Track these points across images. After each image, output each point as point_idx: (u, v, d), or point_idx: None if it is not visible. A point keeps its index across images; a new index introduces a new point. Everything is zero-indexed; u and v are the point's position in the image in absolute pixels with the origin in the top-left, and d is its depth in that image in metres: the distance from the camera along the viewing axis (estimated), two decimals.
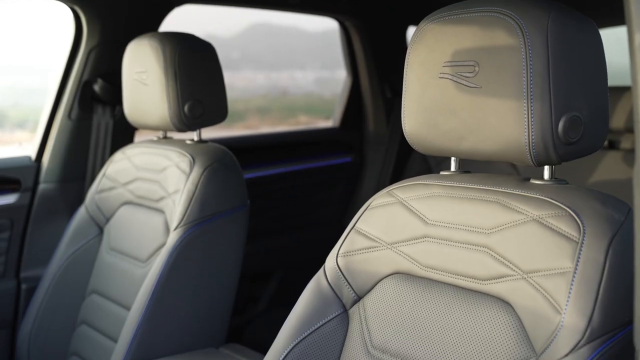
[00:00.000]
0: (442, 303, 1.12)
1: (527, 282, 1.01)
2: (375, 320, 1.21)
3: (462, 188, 1.17)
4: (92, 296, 1.98)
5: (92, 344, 1.91)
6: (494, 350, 1.03)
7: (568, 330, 0.93)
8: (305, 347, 1.24)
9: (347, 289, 1.26)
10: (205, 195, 1.73)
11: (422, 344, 1.12)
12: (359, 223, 1.28)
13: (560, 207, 1.03)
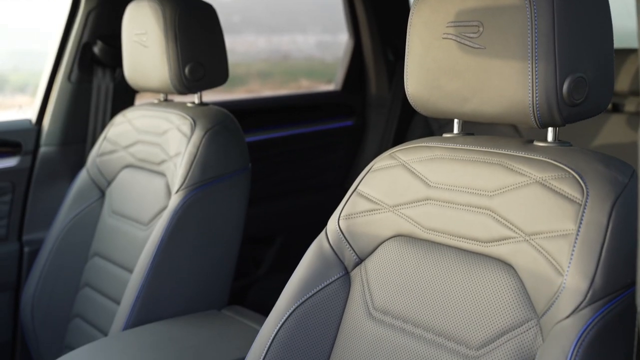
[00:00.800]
0: (444, 265, 1.12)
1: (530, 244, 1.01)
2: (377, 282, 1.21)
3: (465, 150, 1.16)
4: (95, 259, 1.99)
5: (95, 306, 1.92)
6: (495, 312, 1.03)
7: (570, 292, 0.94)
8: (307, 309, 1.25)
9: (348, 252, 1.26)
10: (207, 158, 1.72)
11: (424, 306, 1.13)
12: (360, 186, 1.28)
13: (564, 169, 1.02)
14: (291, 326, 1.25)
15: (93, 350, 1.49)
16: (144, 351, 1.46)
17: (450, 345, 1.07)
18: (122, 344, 1.50)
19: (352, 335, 1.22)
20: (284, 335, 1.24)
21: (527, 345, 0.99)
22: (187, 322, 1.62)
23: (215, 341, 1.49)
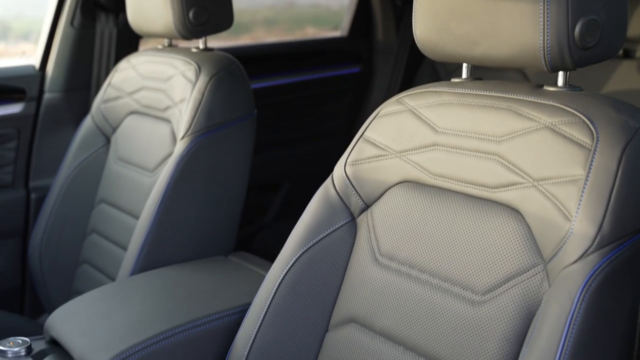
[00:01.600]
0: (451, 211, 1.12)
1: (538, 189, 1.00)
2: (383, 228, 1.21)
3: (474, 95, 1.14)
4: (101, 205, 1.99)
5: (103, 253, 1.93)
6: (502, 258, 1.03)
7: (577, 237, 0.93)
8: (313, 255, 1.25)
9: (355, 198, 1.26)
10: (212, 104, 1.71)
11: (430, 251, 1.13)
12: (367, 131, 1.27)
13: (574, 113, 1.01)
14: (297, 271, 1.25)
15: (101, 294, 1.50)
16: (151, 296, 1.47)
17: (456, 291, 1.07)
18: (129, 289, 1.52)
19: (358, 280, 1.22)
20: (290, 281, 1.25)
21: (533, 290, 0.99)
22: (193, 268, 1.62)
23: (222, 286, 1.50)
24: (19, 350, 1.36)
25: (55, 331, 1.39)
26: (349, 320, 1.22)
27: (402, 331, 1.12)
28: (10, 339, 1.38)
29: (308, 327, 1.25)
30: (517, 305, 0.99)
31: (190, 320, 1.33)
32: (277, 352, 1.24)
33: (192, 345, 1.32)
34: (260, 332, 1.25)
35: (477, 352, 1.01)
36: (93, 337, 1.32)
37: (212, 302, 1.40)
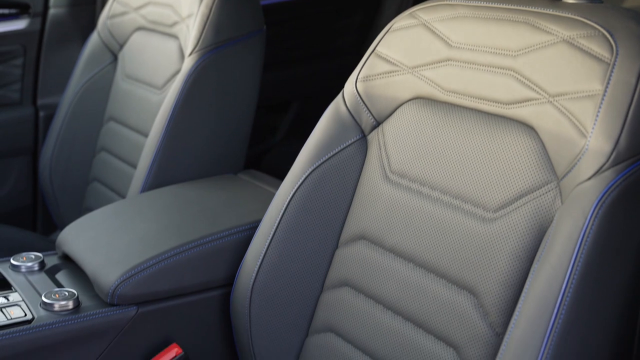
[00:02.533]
0: (464, 128, 1.10)
1: (553, 105, 0.98)
2: (394, 145, 1.20)
3: (489, 8, 1.11)
4: (110, 123, 1.98)
5: (112, 170, 1.93)
6: (514, 175, 1.02)
7: (593, 154, 0.91)
8: (323, 172, 1.24)
9: (366, 114, 1.24)
10: (220, 19, 1.67)
11: (441, 168, 1.11)
12: (379, 47, 1.24)
13: (593, 26, 0.98)
14: (307, 189, 1.25)
15: (111, 211, 1.50)
16: (162, 213, 1.48)
17: (467, 208, 1.07)
18: (139, 206, 1.52)
19: (368, 198, 1.22)
20: (300, 198, 1.25)
21: (545, 207, 0.98)
22: (203, 185, 1.62)
23: (232, 204, 1.50)
24: (32, 265, 1.37)
25: (67, 247, 1.40)
26: (358, 237, 1.22)
27: (412, 248, 1.12)
28: (24, 254, 1.40)
29: (318, 244, 1.26)
30: (528, 222, 0.99)
31: (200, 236, 1.33)
32: (287, 269, 1.25)
33: (203, 261, 1.33)
34: (270, 248, 1.25)
35: (487, 269, 1.01)
36: (104, 253, 1.33)
37: (222, 219, 1.40)
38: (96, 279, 1.28)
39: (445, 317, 1.05)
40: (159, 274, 1.27)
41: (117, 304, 1.25)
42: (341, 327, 1.20)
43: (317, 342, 1.24)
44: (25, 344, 1.17)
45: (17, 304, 1.23)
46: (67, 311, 1.22)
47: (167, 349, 1.30)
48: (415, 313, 1.09)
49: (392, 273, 1.14)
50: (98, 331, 1.24)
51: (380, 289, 1.15)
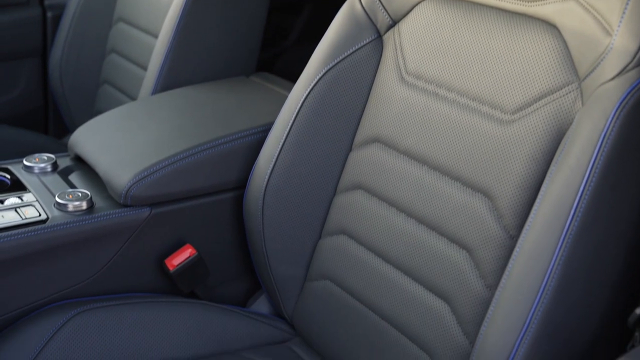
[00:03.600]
0: (483, 27, 1.06)
1: (578, 2, 0.94)
2: (411, 45, 1.16)
3: None
4: (119, 24, 1.94)
5: (123, 72, 1.91)
6: (534, 75, 0.99)
7: (617, 53, 0.88)
8: (338, 73, 1.21)
9: (381, 13, 1.20)
10: None
11: (459, 69, 1.08)
12: None
13: None
14: (321, 90, 1.22)
15: (123, 112, 1.49)
16: (173, 114, 1.46)
17: (484, 110, 1.04)
18: (151, 108, 1.50)
19: (383, 100, 1.20)
20: (314, 100, 1.23)
21: (565, 109, 0.95)
22: (215, 87, 1.60)
23: (244, 106, 1.48)
24: (45, 166, 1.37)
25: (79, 148, 1.39)
26: (373, 140, 1.20)
27: (427, 151, 1.10)
28: (36, 155, 1.40)
29: (331, 147, 1.24)
30: (547, 124, 0.96)
31: (213, 139, 1.32)
32: (300, 171, 1.25)
33: (215, 163, 1.32)
34: (283, 151, 1.24)
35: (502, 172, 1.00)
36: (117, 154, 1.32)
37: (234, 122, 1.39)
38: (109, 180, 1.28)
39: (459, 219, 1.04)
40: (172, 176, 1.27)
41: (130, 205, 1.26)
42: (354, 229, 1.20)
43: (329, 244, 1.25)
44: (40, 243, 1.18)
45: (31, 204, 1.24)
46: (81, 212, 1.23)
47: (181, 250, 1.31)
48: (429, 216, 1.08)
49: (406, 176, 1.13)
50: (112, 232, 1.25)
51: (394, 192, 1.15)
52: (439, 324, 1.04)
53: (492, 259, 0.99)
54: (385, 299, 1.13)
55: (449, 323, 1.03)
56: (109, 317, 1.20)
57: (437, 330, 1.04)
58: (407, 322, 1.09)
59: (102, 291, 1.28)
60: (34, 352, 1.13)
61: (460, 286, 1.02)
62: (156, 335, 1.22)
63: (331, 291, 1.23)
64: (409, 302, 1.09)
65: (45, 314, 1.18)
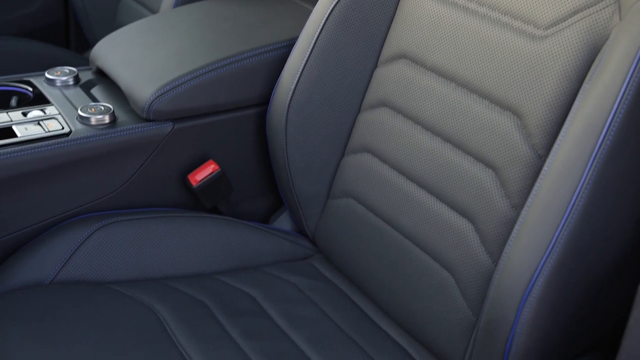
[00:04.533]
0: None
1: None
2: None
3: None
4: None
5: None
6: None
7: None
8: None
9: None
10: None
11: None
12: None
13: None
14: (347, 4, 1.19)
15: (145, 26, 1.46)
16: (196, 28, 1.43)
17: (516, 25, 1.01)
18: (173, 21, 1.47)
19: (411, 14, 1.16)
20: (339, 14, 1.20)
21: (602, 24, 0.92)
22: (237, 1, 1.56)
23: (268, 20, 1.45)
24: (67, 79, 1.36)
25: (100, 61, 1.38)
26: (399, 56, 1.18)
27: (455, 67, 1.08)
28: (58, 68, 1.38)
29: (357, 62, 1.22)
30: (582, 40, 0.93)
31: (236, 53, 1.30)
32: (324, 87, 1.22)
33: (239, 78, 1.30)
34: (307, 66, 1.22)
35: (533, 89, 0.97)
36: (139, 68, 1.31)
37: (258, 36, 1.36)
38: (131, 94, 1.27)
39: (486, 138, 1.02)
40: (195, 90, 1.25)
41: (152, 120, 1.25)
42: (378, 147, 1.19)
43: (353, 162, 1.24)
44: (63, 156, 1.18)
45: (54, 117, 1.23)
46: (104, 125, 1.22)
47: (204, 166, 1.31)
48: (455, 134, 1.07)
49: (433, 93, 1.11)
50: (135, 146, 1.24)
51: (420, 109, 1.12)
52: (462, 243, 1.04)
53: (519, 178, 0.97)
54: (408, 217, 1.12)
55: (472, 242, 1.02)
56: (133, 230, 1.21)
57: (460, 249, 1.04)
58: (430, 241, 1.09)
59: (126, 205, 1.28)
60: (60, 263, 1.15)
61: (485, 205, 1.01)
62: (180, 249, 1.23)
63: (353, 209, 1.22)
64: (432, 221, 1.08)
65: (70, 227, 1.19)
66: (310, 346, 1.09)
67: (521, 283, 0.88)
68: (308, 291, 1.22)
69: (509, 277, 0.90)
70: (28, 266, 1.14)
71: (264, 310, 1.16)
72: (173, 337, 1.06)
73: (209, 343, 1.06)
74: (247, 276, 1.23)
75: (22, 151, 1.14)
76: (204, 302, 1.15)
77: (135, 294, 1.13)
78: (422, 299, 1.09)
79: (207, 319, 1.11)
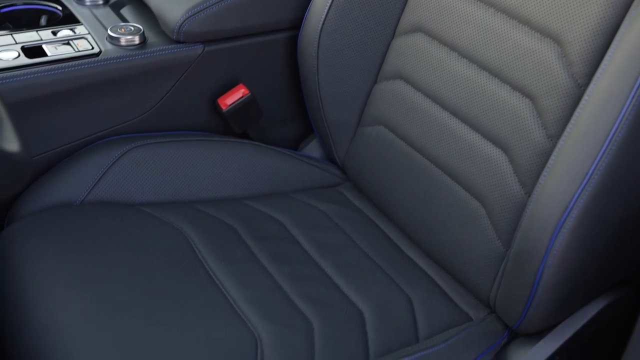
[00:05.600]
0: None
1: None
2: None
3: None
4: None
5: None
6: None
7: None
8: None
9: None
10: None
11: None
12: None
13: None
14: None
15: None
16: None
17: None
18: None
19: None
20: None
21: None
22: None
23: None
24: None
25: None
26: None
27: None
28: None
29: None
30: None
31: None
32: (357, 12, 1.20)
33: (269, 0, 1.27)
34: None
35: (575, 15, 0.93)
36: None
37: None
38: (161, 15, 1.24)
39: (525, 66, 0.99)
40: (225, 12, 1.23)
41: (183, 41, 1.23)
42: (412, 74, 1.16)
43: (385, 89, 1.22)
44: (93, 76, 1.17)
45: (84, 37, 1.22)
46: (134, 46, 1.21)
47: (234, 90, 1.30)
48: (492, 61, 1.04)
49: (471, 18, 1.07)
50: (165, 68, 1.23)
51: (457, 36, 1.09)
52: (495, 173, 1.02)
53: (557, 108, 0.95)
54: (440, 146, 1.11)
55: (505, 172, 1.01)
56: (163, 153, 1.20)
57: (493, 180, 1.02)
58: (462, 171, 1.07)
59: (155, 128, 1.28)
60: (90, 184, 1.15)
61: (520, 135, 0.99)
62: (209, 173, 1.23)
63: (385, 137, 1.21)
64: (465, 150, 1.07)
65: (100, 148, 1.19)
66: (338, 272, 1.10)
67: (555, 214, 0.86)
68: (336, 218, 1.22)
69: (542, 208, 0.88)
70: (59, 186, 1.15)
71: (292, 235, 1.16)
72: (202, 259, 1.06)
73: (236, 266, 1.06)
74: (276, 202, 1.23)
75: (52, 70, 1.13)
76: (232, 226, 1.15)
77: (164, 216, 1.14)
78: (452, 229, 1.09)
79: (236, 243, 1.12)
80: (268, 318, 0.98)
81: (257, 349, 0.93)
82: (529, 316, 0.95)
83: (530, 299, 0.93)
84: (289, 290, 1.04)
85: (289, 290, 1.04)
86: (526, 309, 0.94)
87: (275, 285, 1.05)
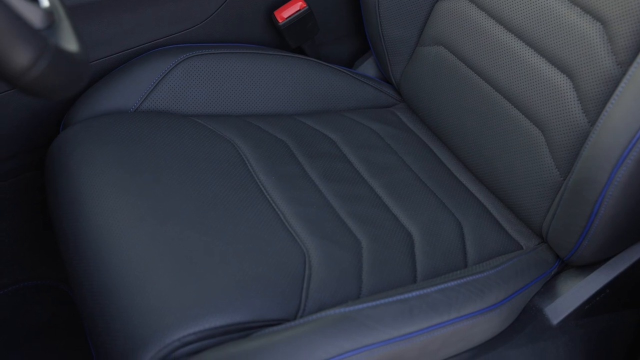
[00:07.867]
0: None
1: None
2: None
3: None
4: None
5: None
6: None
7: None
8: None
9: None
10: None
11: None
12: None
13: None
14: None
15: None
16: None
17: None
18: None
19: None
20: None
21: None
22: None
23: None
24: None
25: None
26: None
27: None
28: None
29: None
30: None
31: None
32: None
33: None
34: None
35: None
36: None
37: None
38: None
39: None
40: None
41: None
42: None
43: (447, 7, 1.17)
44: None
45: None
46: None
47: (292, 2, 1.27)
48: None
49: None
50: None
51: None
52: (558, 100, 0.98)
53: (629, 33, 0.90)
54: (502, 69, 1.07)
55: (569, 99, 0.97)
56: (217, 65, 1.19)
57: (555, 107, 0.99)
58: (523, 96, 1.04)
59: (210, 39, 1.26)
60: (145, 92, 1.15)
61: (588, 60, 0.94)
62: (262, 86, 1.21)
63: (444, 57, 1.17)
64: (528, 75, 1.03)
65: (155, 56, 1.18)
66: (388, 192, 1.09)
67: (620, 143, 0.83)
68: (389, 139, 1.20)
69: (607, 136, 0.85)
70: (114, 93, 1.15)
71: (343, 154, 1.15)
72: (253, 173, 1.06)
73: (287, 181, 1.06)
74: (329, 119, 1.22)
75: None
76: (284, 142, 1.14)
77: (217, 128, 1.13)
78: (508, 156, 1.06)
79: (287, 158, 1.11)
80: (317, 234, 0.98)
81: (305, 264, 0.93)
82: (582, 248, 0.93)
83: (586, 230, 0.91)
84: (338, 209, 1.04)
85: (338, 208, 1.04)
86: (580, 240, 0.92)
87: (325, 203, 1.04)
